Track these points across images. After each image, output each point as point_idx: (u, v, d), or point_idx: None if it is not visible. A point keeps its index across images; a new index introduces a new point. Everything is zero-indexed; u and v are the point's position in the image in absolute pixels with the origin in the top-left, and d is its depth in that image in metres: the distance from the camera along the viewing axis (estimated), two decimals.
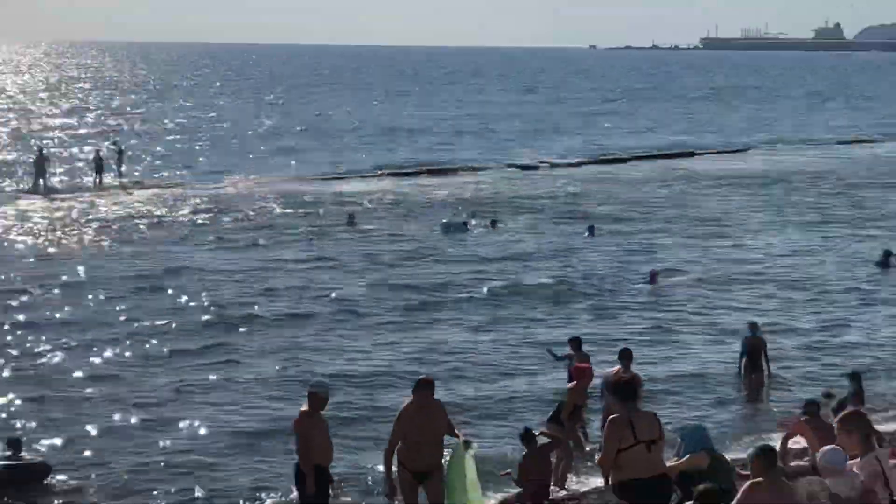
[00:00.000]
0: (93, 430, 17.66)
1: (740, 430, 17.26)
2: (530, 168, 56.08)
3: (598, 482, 12.97)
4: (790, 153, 65.58)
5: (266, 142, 66.48)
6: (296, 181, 49.19)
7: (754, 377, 20.25)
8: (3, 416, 17.95)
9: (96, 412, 18.66)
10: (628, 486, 9.51)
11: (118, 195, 43.76)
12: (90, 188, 45.32)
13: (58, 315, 25.18)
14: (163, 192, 44.71)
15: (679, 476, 10.23)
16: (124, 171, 48.65)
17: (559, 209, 41.64)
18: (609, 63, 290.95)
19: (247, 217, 39.33)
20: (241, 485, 15.38)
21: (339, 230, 36.44)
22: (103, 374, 20.74)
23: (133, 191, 44.99)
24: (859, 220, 40.02)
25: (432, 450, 11.80)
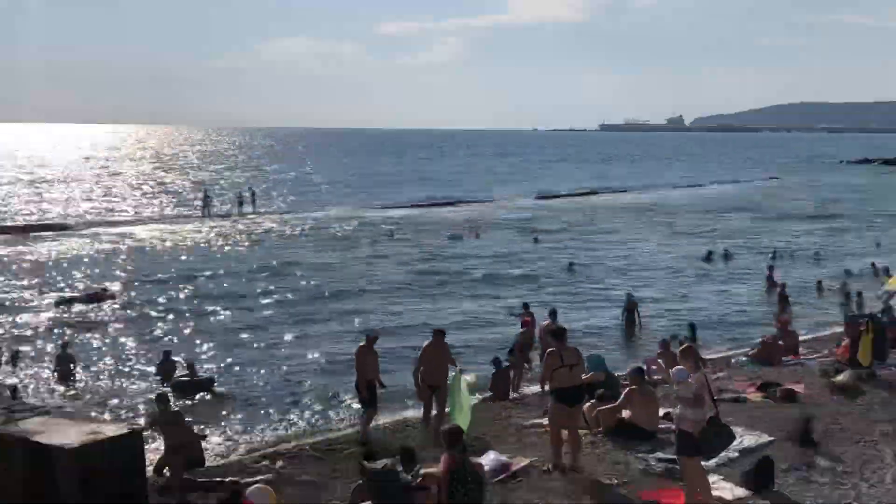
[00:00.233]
0: (240, 359, 17.85)
1: (623, 357, 17.18)
2: (497, 201, 55.63)
3: (537, 389, 12.96)
4: (652, 192, 65.00)
5: (342, 187, 65.78)
6: (361, 209, 48.78)
7: (631, 327, 20.32)
8: (188, 351, 18.05)
9: (243, 348, 18.89)
10: (557, 391, 9.59)
11: (253, 219, 43.50)
12: (235, 215, 45.12)
13: (219, 289, 25.33)
14: (281, 218, 44.38)
15: (587, 385, 10.27)
16: (256, 205, 48.37)
17: (518, 226, 41.30)
18: (546, 139, 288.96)
19: (332, 231, 39.14)
20: (327, 391, 15.45)
21: (385, 239, 36.33)
22: (250, 325, 20.87)
23: (262, 217, 44.74)
24: (693, 232, 39.78)
25: (441, 372, 11.75)
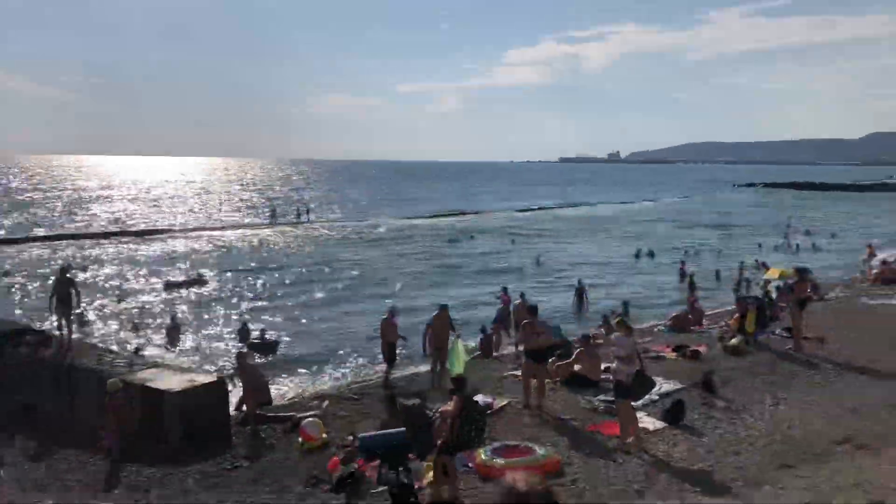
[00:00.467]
0: (298, 328, 17.79)
1: (575, 327, 16.85)
2: (486, 213, 55.23)
3: (512, 349, 12.91)
4: (598, 207, 64.60)
5: (375, 202, 65.28)
6: (389, 218, 48.46)
7: (581, 305, 20.09)
8: (260, 321, 17.98)
9: (301, 320, 18.63)
10: (529, 351, 9.57)
11: (308, 226, 43.26)
12: (295, 223, 44.87)
13: (283, 278, 25.07)
14: (332, 225, 44.17)
15: (547, 348, 10.20)
16: (311, 216, 48.16)
17: (501, 231, 41.10)
18: (520, 168, 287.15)
19: (372, 234, 39.11)
20: (356, 356, 15.32)
21: (402, 242, 36.10)
22: (306, 304, 20.76)
23: (315, 225, 44.50)
24: (626, 236, 39.54)
25: (444, 336, 11.68)
